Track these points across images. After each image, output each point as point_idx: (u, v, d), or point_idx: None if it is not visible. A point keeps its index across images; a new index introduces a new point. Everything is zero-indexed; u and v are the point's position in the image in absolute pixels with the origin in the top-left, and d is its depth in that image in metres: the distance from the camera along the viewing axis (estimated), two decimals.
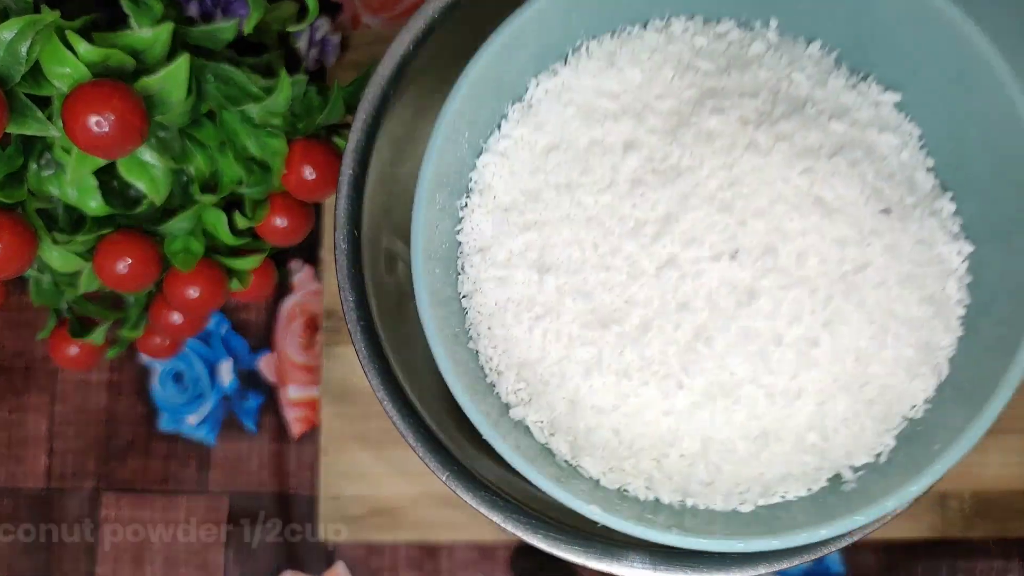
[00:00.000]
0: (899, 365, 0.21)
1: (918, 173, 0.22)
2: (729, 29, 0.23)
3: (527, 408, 0.22)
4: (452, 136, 0.22)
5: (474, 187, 0.23)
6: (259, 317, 0.45)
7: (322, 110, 0.36)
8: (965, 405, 0.20)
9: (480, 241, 0.23)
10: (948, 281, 0.21)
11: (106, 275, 0.34)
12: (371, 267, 0.30)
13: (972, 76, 0.20)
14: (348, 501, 0.42)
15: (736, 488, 0.21)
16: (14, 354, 0.45)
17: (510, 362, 0.22)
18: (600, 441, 0.21)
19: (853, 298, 0.20)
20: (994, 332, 0.20)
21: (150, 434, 0.44)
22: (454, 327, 0.22)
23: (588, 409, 0.21)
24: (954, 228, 0.22)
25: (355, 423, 0.43)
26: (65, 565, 0.43)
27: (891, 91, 0.23)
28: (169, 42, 0.31)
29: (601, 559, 0.27)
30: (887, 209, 0.21)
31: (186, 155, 0.34)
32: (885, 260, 0.20)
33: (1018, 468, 0.40)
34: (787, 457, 0.21)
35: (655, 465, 0.21)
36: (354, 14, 0.46)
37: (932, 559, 0.41)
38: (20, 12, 0.29)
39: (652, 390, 0.21)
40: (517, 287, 0.22)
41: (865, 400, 0.21)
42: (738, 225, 0.20)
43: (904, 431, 0.21)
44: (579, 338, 0.21)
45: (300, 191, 0.36)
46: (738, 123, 0.21)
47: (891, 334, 0.21)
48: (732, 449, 0.21)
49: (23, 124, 0.29)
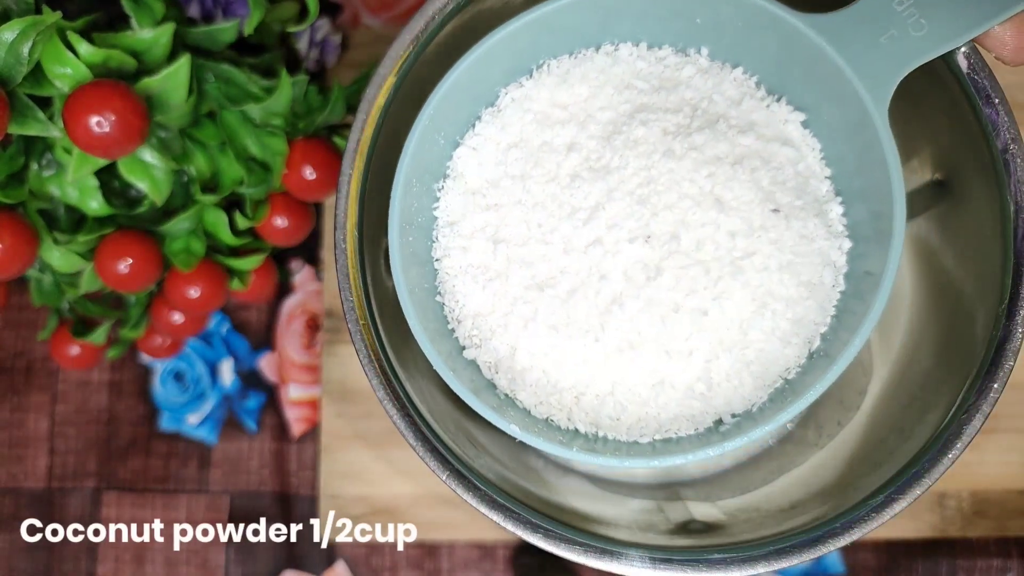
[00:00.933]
0: (775, 334, 0.25)
1: (812, 181, 0.26)
2: (667, 55, 0.27)
3: (478, 350, 0.27)
4: (428, 133, 0.26)
5: (450, 173, 0.28)
6: (260, 317, 0.45)
7: (323, 110, 0.36)
8: (824, 369, 0.24)
9: (451, 217, 0.27)
10: (825, 270, 0.26)
11: (107, 275, 0.34)
12: (371, 267, 0.30)
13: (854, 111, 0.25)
14: (348, 500, 0.42)
15: (637, 424, 0.26)
16: (15, 354, 0.45)
17: (467, 313, 0.27)
18: (532, 380, 0.26)
19: (739, 278, 0.25)
20: (854, 316, 0.25)
21: (151, 434, 0.44)
22: (425, 283, 0.27)
23: (525, 354, 0.26)
24: (839, 228, 0.26)
25: (355, 423, 0.43)
26: (66, 564, 0.44)
27: (798, 111, 0.27)
28: (170, 43, 0.31)
29: (601, 558, 0.27)
30: (776, 209, 0.25)
31: (187, 155, 0.34)
32: (769, 250, 0.25)
33: (1016, 467, 0.41)
34: (679, 402, 0.25)
35: (575, 401, 0.26)
36: (354, 14, 0.46)
37: (931, 558, 0.41)
38: (22, 13, 0.29)
39: (575, 342, 0.25)
40: (476, 255, 0.27)
41: (745, 361, 0.25)
42: (651, 215, 0.25)
43: (777, 389, 0.26)
44: (521, 298, 0.26)
45: (301, 191, 0.36)
46: (660, 133, 0.26)
47: (769, 309, 0.25)
48: (635, 392, 0.25)
49: (24, 124, 0.29)
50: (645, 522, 0.33)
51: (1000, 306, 0.27)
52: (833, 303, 0.26)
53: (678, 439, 0.26)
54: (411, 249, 0.26)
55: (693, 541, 0.30)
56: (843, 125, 0.25)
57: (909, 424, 0.30)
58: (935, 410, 0.29)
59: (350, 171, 0.29)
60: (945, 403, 0.28)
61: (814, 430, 0.36)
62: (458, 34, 0.30)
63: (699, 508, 0.34)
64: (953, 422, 0.27)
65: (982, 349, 0.28)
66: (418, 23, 0.29)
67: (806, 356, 0.26)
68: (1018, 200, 0.27)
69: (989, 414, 0.27)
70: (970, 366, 0.28)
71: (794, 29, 0.25)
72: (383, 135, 0.30)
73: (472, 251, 0.27)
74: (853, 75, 0.24)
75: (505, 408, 0.26)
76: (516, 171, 0.27)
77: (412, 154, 0.26)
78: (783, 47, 0.26)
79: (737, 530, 0.30)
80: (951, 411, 0.28)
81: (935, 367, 0.31)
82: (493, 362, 0.27)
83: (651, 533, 0.31)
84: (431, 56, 0.30)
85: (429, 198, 0.27)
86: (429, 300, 0.27)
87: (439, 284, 0.28)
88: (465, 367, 0.27)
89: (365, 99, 0.29)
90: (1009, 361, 0.27)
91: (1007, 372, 0.27)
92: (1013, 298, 0.27)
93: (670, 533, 0.31)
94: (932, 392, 0.30)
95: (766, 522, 0.30)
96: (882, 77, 0.24)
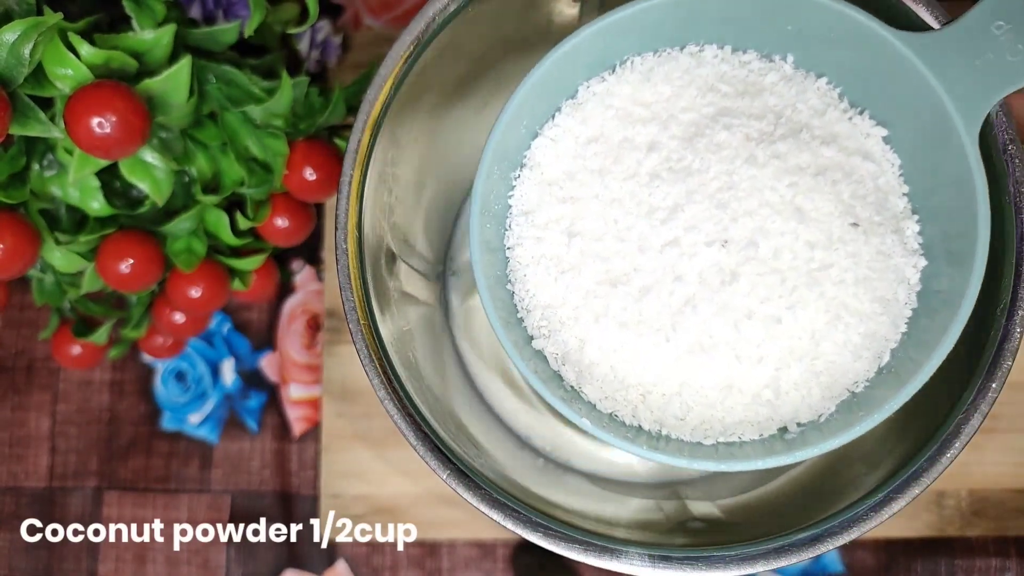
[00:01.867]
0: (846, 348, 0.25)
1: (891, 197, 0.26)
2: (752, 59, 0.27)
3: (546, 341, 0.27)
4: (513, 122, 0.26)
5: (527, 163, 0.28)
6: (261, 317, 0.45)
7: (323, 111, 0.36)
8: (893, 387, 0.24)
9: (526, 206, 0.27)
10: (899, 287, 0.25)
11: (109, 275, 0.34)
12: (372, 267, 0.30)
13: (941, 130, 0.24)
14: (349, 500, 0.42)
15: (702, 425, 0.25)
16: (17, 353, 0.45)
17: (537, 303, 0.27)
18: (599, 374, 0.26)
19: (815, 289, 0.25)
20: (928, 333, 0.25)
21: (152, 433, 0.44)
22: (498, 270, 0.27)
23: (593, 348, 0.26)
24: (914, 245, 0.26)
25: (356, 422, 0.43)
26: (67, 564, 0.44)
27: (880, 126, 0.27)
28: (171, 44, 0.31)
29: (601, 556, 0.27)
30: (855, 223, 0.25)
31: (188, 156, 0.34)
32: (846, 263, 0.25)
33: (1014, 467, 0.41)
34: (745, 407, 0.25)
35: (640, 399, 0.26)
36: (355, 15, 0.46)
37: (930, 557, 0.41)
38: (23, 14, 0.29)
39: (645, 340, 0.25)
40: (550, 246, 0.27)
41: (814, 371, 0.25)
42: (730, 220, 0.25)
43: (845, 401, 0.26)
44: (593, 292, 0.26)
45: (301, 192, 0.36)
46: (743, 138, 0.26)
47: (843, 322, 0.25)
48: (703, 394, 0.25)
49: (26, 125, 0.29)
50: (645, 521, 0.33)
51: (998, 306, 0.28)
52: (905, 320, 0.26)
53: (741, 443, 0.26)
54: (485, 236, 0.27)
55: (692, 540, 0.30)
56: (926, 144, 0.25)
57: (907, 423, 0.30)
58: (934, 410, 0.29)
59: (351, 172, 0.29)
60: (944, 403, 0.28)
61: None
62: (459, 35, 0.30)
63: (698, 507, 0.34)
64: (952, 421, 0.27)
65: (981, 349, 0.28)
66: (419, 24, 0.29)
67: (875, 371, 0.26)
68: (1017, 201, 0.27)
69: (988, 413, 0.27)
70: (969, 366, 0.28)
71: (890, 46, 0.24)
72: (384, 136, 0.30)
73: (546, 242, 0.27)
74: (947, 96, 0.24)
75: (572, 400, 0.26)
76: (595, 165, 0.27)
77: (497, 141, 0.26)
78: (873, 61, 0.25)
79: (736, 529, 0.30)
80: (950, 411, 0.28)
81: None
82: (561, 354, 0.27)
83: (650, 532, 0.31)
84: (432, 58, 0.30)
85: (505, 186, 0.28)
86: (500, 288, 0.27)
87: (510, 272, 0.27)
88: (532, 357, 0.27)
89: (366, 100, 0.29)
90: (1007, 361, 0.27)
91: (1005, 372, 0.27)
92: (1012, 299, 0.27)
93: (669, 532, 0.31)
94: (931, 392, 0.30)
95: (765, 521, 0.30)
96: (975, 100, 0.24)
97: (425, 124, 0.33)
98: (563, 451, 0.39)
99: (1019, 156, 0.27)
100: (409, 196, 0.34)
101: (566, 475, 0.38)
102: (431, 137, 0.34)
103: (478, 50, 0.32)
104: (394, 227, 0.33)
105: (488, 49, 0.32)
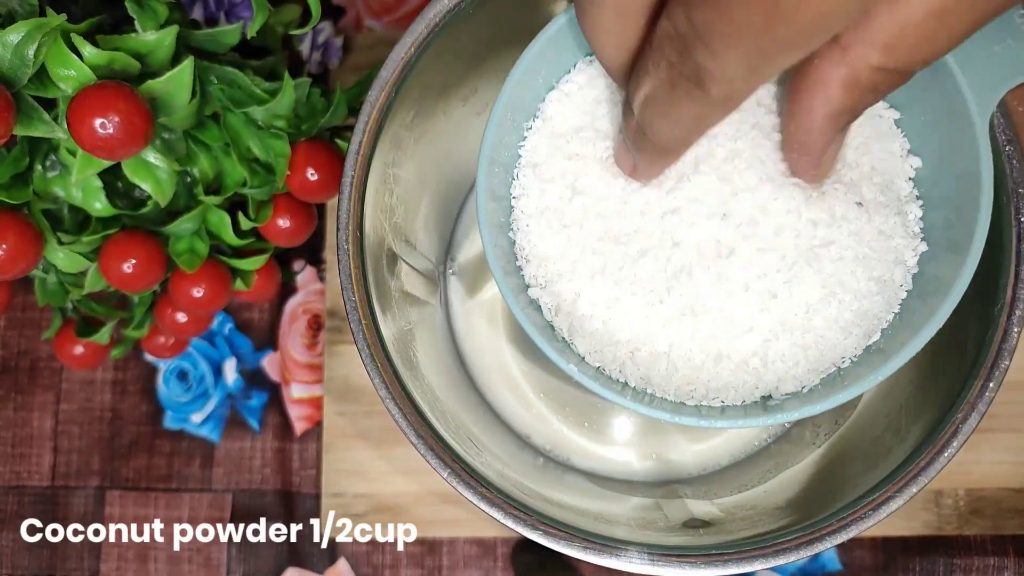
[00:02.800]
0: (837, 323, 0.25)
1: (897, 180, 0.26)
2: None
3: (542, 291, 0.27)
4: (530, 71, 0.26)
5: (540, 114, 0.28)
6: (263, 316, 0.45)
7: (325, 112, 0.36)
8: (877, 366, 0.24)
9: (535, 158, 0.27)
10: (897, 269, 0.26)
11: (111, 275, 0.34)
12: (373, 267, 0.30)
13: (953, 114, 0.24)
14: (350, 498, 0.42)
15: (687, 386, 0.26)
16: (19, 353, 0.45)
17: (536, 254, 0.27)
18: (591, 328, 0.26)
19: (814, 265, 0.25)
20: (917, 316, 0.25)
21: (154, 432, 0.45)
22: (500, 218, 0.27)
23: (587, 302, 0.26)
24: (915, 229, 0.26)
25: (357, 421, 0.43)
26: (69, 563, 0.44)
27: (893, 109, 0.26)
28: (173, 45, 0.31)
29: (600, 555, 0.27)
30: (860, 202, 0.25)
31: (191, 157, 0.34)
32: (847, 241, 0.25)
33: (1012, 467, 0.41)
34: (732, 373, 0.26)
35: (629, 356, 0.26)
36: (357, 17, 0.46)
37: (928, 556, 0.41)
38: (26, 15, 0.29)
39: (639, 300, 0.26)
40: (554, 199, 0.27)
41: (803, 344, 0.25)
42: (731, 195, 0.25)
43: (830, 376, 0.26)
44: (591, 248, 0.26)
45: (303, 192, 0.37)
46: (752, 102, 0.25)
47: (837, 298, 0.25)
48: (690, 357, 0.26)
49: (29, 126, 0.29)
50: (644, 519, 0.33)
51: (996, 306, 0.28)
52: (899, 302, 0.26)
53: (723, 407, 0.26)
54: (492, 183, 0.27)
55: (691, 538, 0.30)
56: (937, 128, 0.25)
57: (906, 423, 0.30)
58: (932, 409, 0.29)
59: (352, 172, 0.29)
60: (942, 402, 0.29)
61: (811, 429, 0.36)
62: (460, 37, 0.30)
63: (697, 506, 0.34)
64: (949, 421, 0.28)
65: (978, 348, 0.28)
66: (420, 26, 0.29)
67: (863, 349, 0.26)
68: (1015, 201, 0.28)
69: (985, 413, 0.27)
70: (966, 365, 0.28)
71: None
72: (385, 137, 0.30)
73: (550, 195, 0.27)
74: (961, 78, 0.24)
75: (561, 350, 0.26)
76: (603, 126, 0.27)
77: (514, 84, 0.26)
78: None
79: (735, 527, 0.30)
80: (948, 410, 0.28)
81: (931, 366, 0.31)
82: (555, 305, 0.27)
83: (650, 530, 0.31)
84: (433, 59, 0.30)
85: (517, 135, 0.28)
86: (501, 236, 0.27)
87: (513, 221, 0.28)
88: (527, 305, 0.27)
89: (367, 101, 0.29)
90: (1005, 360, 0.27)
91: (1003, 371, 0.27)
92: (1009, 298, 0.27)
93: (669, 530, 0.32)
94: (928, 391, 0.30)
95: (763, 519, 0.30)
96: (989, 85, 0.24)
97: (426, 125, 0.33)
98: (563, 450, 0.39)
99: (1017, 157, 0.27)
100: (410, 197, 0.34)
101: (566, 474, 0.39)
102: (432, 138, 0.34)
103: (479, 52, 0.32)
104: (395, 227, 0.33)
105: (489, 51, 0.32)
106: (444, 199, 0.39)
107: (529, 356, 0.41)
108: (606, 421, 0.40)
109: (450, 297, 0.41)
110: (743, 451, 0.39)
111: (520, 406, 0.40)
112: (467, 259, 0.41)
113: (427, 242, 0.38)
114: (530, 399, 0.40)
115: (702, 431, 0.39)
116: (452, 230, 0.41)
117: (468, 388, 0.40)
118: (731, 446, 0.39)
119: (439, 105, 0.33)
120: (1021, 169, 0.27)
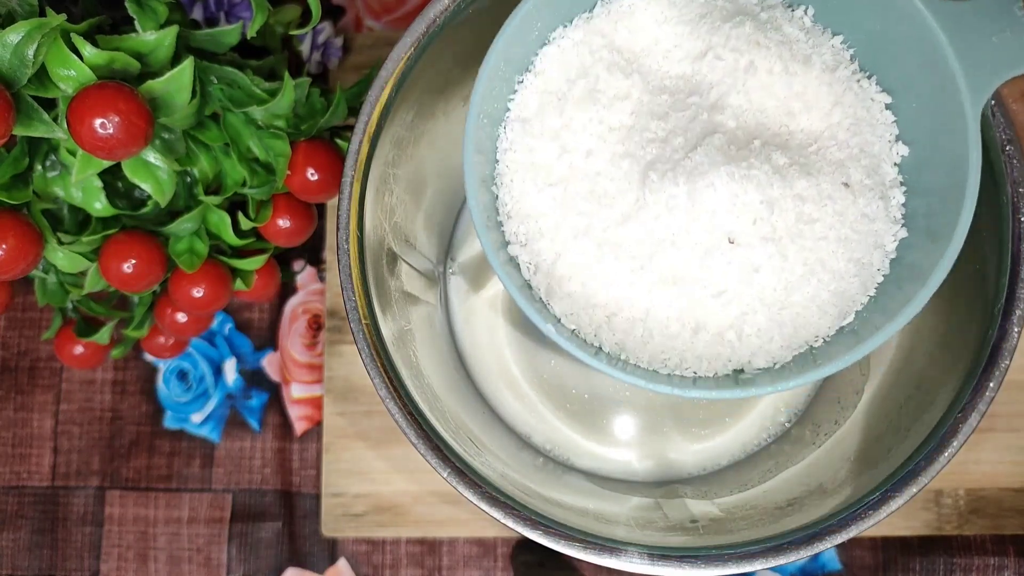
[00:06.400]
0: (814, 302, 0.25)
1: (884, 164, 0.26)
2: (776, 4, 0.27)
3: (522, 249, 0.27)
4: (527, 22, 0.26)
5: (533, 68, 0.27)
6: (263, 316, 0.45)
7: (325, 112, 0.36)
8: (849, 347, 0.24)
9: (524, 113, 0.27)
10: (875, 252, 0.26)
11: (111, 275, 0.34)
12: (373, 267, 0.30)
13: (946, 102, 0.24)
14: (350, 498, 0.42)
15: (661, 355, 0.26)
16: (20, 353, 0.45)
17: (519, 210, 0.27)
18: (569, 290, 0.26)
19: (798, 242, 0.25)
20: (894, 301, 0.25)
21: (155, 432, 0.45)
22: (485, 171, 0.27)
23: (567, 264, 0.26)
24: (897, 215, 0.26)
25: (357, 421, 0.43)
26: (70, 562, 0.44)
27: (885, 93, 0.26)
28: (173, 45, 0.31)
29: (600, 554, 0.27)
30: (846, 183, 0.25)
31: (191, 157, 0.34)
32: (831, 220, 0.25)
33: (1012, 466, 0.41)
34: (707, 344, 0.25)
35: (605, 320, 0.26)
36: (356, 17, 0.46)
37: (927, 555, 0.41)
38: (26, 15, 0.29)
39: (620, 265, 0.25)
40: (541, 155, 0.26)
41: (779, 320, 0.25)
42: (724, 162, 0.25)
43: (802, 354, 0.26)
44: (576, 209, 0.26)
45: (303, 192, 0.37)
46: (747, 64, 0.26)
47: (816, 277, 0.25)
48: (667, 325, 0.26)
49: (29, 126, 0.29)
50: (644, 519, 0.33)
51: (996, 306, 0.28)
52: (875, 285, 0.26)
53: (695, 378, 0.26)
54: (479, 136, 0.26)
55: (691, 538, 0.30)
56: (928, 114, 0.25)
57: (905, 423, 0.30)
58: (931, 409, 0.29)
59: (352, 172, 0.29)
60: (941, 402, 0.29)
61: (811, 429, 0.36)
62: (459, 37, 0.30)
63: (697, 505, 0.34)
64: (949, 421, 0.28)
65: (978, 348, 0.28)
66: (419, 26, 0.29)
67: (836, 329, 0.26)
68: (1015, 201, 0.28)
69: (985, 413, 0.27)
70: (966, 365, 0.28)
71: (913, 8, 0.24)
72: (385, 137, 0.30)
73: (538, 151, 0.26)
74: (958, 66, 0.24)
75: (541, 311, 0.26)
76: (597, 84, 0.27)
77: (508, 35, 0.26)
78: (891, 24, 0.25)
79: (735, 527, 0.30)
80: (947, 410, 0.28)
81: (931, 366, 0.31)
82: (534, 264, 0.27)
83: (650, 530, 0.31)
84: (432, 59, 0.30)
85: (507, 88, 0.27)
86: (484, 190, 0.27)
87: (497, 176, 0.27)
88: (506, 262, 0.27)
89: (367, 101, 0.29)
90: (1005, 360, 0.27)
91: (1003, 371, 0.27)
92: (1009, 298, 0.27)
93: (668, 530, 0.32)
94: (928, 391, 0.30)
95: (763, 519, 0.30)
96: (985, 74, 0.24)
97: (426, 126, 0.33)
98: (563, 449, 0.39)
99: (1017, 156, 0.27)
100: (410, 196, 0.34)
101: (566, 474, 0.39)
102: (432, 138, 0.34)
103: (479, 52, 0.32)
104: (395, 227, 0.33)
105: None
106: (444, 199, 0.39)
107: (529, 355, 0.41)
108: (606, 421, 0.40)
109: (450, 297, 0.41)
110: (743, 451, 0.39)
111: (520, 406, 0.40)
112: (467, 259, 0.41)
113: (427, 242, 0.38)
114: (530, 399, 0.40)
115: (702, 430, 0.39)
116: (452, 230, 0.41)
117: (468, 388, 0.40)
118: (731, 446, 0.39)
119: (439, 105, 0.33)
120: (1021, 169, 0.27)
